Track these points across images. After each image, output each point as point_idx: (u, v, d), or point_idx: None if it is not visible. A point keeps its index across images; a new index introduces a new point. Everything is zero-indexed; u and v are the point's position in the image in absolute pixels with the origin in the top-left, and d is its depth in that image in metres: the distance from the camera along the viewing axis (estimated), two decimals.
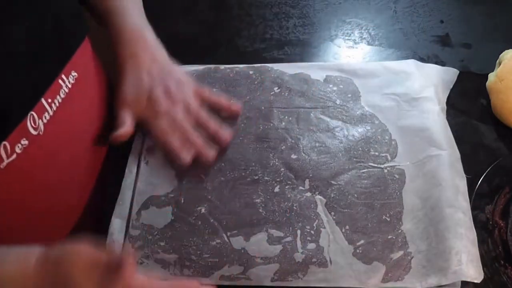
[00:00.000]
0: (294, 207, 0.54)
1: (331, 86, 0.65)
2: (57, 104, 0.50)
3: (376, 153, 0.58)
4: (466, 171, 0.55)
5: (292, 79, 0.66)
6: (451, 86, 0.65)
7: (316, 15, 0.77)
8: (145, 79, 0.58)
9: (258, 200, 0.54)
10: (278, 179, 0.56)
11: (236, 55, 0.72)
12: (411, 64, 0.66)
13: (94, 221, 0.59)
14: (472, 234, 0.49)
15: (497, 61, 0.63)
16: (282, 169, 0.57)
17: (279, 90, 0.65)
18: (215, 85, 0.66)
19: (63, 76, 0.51)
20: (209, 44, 0.75)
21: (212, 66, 0.68)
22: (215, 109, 0.61)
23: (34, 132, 0.47)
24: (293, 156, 0.58)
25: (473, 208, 0.52)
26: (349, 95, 0.64)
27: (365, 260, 0.50)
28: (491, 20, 0.74)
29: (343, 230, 0.52)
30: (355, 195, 0.54)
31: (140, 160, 0.59)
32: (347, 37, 0.74)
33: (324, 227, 0.52)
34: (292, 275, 0.49)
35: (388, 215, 0.52)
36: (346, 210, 0.53)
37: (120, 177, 0.58)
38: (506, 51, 0.63)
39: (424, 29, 0.74)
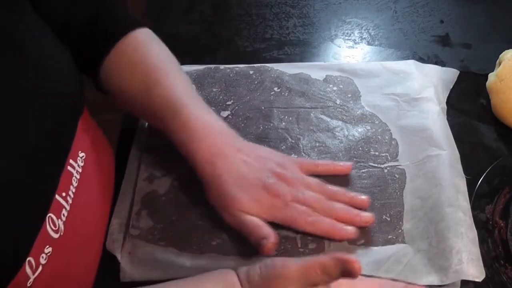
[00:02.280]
0: None
1: (331, 86, 0.65)
2: (72, 195, 0.44)
3: (376, 153, 0.58)
4: (466, 171, 0.55)
5: (292, 79, 0.66)
6: (451, 86, 0.65)
7: (316, 15, 0.78)
8: (249, 173, 0.49)
9: None
10: None
11: (236, 55, 0.72)
12: (411, 64, 0.66)
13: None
14: (473, 233, 0.49)
15: (497, 61, 0.63)
16: None
17: (279, 90, 0.65)
18: (215, 85, 0.66)
19: (71, 161, 0.45)
20: (209, 44, 0.75)
21: (212, 66, 0.68)
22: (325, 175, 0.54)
23: (55, 235, 0.42)
24: (293, 156, 0.58)
25: (473, 208, 0.52)
26: (349, 95, 0.64)
27: None
28: (491, 20, 0.74)
29: None
30: None
31: (140, 160, 0.59)
32: (347, 37, 0.74)
33: None
34: None
35: (388, 215, 0.52)
36: None
37: (120, 177, 0.58)
38: (506, 51, 0.63)
39: (424, 29, 0.74)
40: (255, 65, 0.68)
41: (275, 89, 0.65)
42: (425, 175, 0.54)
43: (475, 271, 0.47)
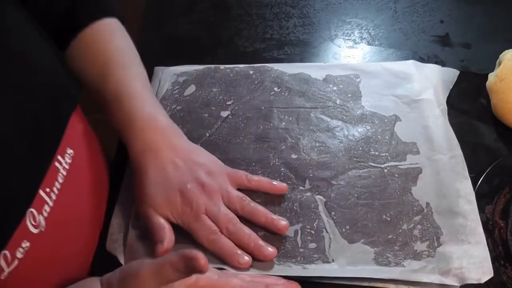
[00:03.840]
0: (294, 207, 0.54)
1: (331, 86, 0.65)
2: (56, 192, 0.44)
3: (376, 153, 0.58)
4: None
5: (292, 79, 0.66)
6: (451, 87, 0.65)
7: (316, 15, 0.78)
8: (172, 174, 0.50)
9: (258, 200, 0.54)
10: (278, 179, 0.56)
11: (236, 55, 0.72)
12: (410, 65, 0.66)
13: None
14: (475, 237, 0.49)
15: (497, 61, 0.63)
16: (282, 169, 0.57)
17: (279, 90, 0.65)
18: (215, 85, 0.66)
19: (58, 157, 0.45)
20: (209, 44, 0.75)
21: (212, 66, 0.68)
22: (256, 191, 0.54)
23: (35, 231, 0.41)
24: (293, 156, 0.58)
25: None
26: (349, 95, 0.64)
27: None
28: (491, 20, 0.74)
29: (343, 230, 0.52)
30: (355, 195, 0.54)
31: None
32: (347, 37, 0.74)
33: (325, 227, 0.52)
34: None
35: (388, 215, 0.52)
36: (346, 210, 0.53)
37: (120, 178, 0.58)
38: (506, 51, 0.63)
39: (424, 29, 0.74)
40: (255, 65, 0.68)
41: (275, 89, 0.65)
42: (425, 179, 0.54)
43: (476, 274, 0.46)
